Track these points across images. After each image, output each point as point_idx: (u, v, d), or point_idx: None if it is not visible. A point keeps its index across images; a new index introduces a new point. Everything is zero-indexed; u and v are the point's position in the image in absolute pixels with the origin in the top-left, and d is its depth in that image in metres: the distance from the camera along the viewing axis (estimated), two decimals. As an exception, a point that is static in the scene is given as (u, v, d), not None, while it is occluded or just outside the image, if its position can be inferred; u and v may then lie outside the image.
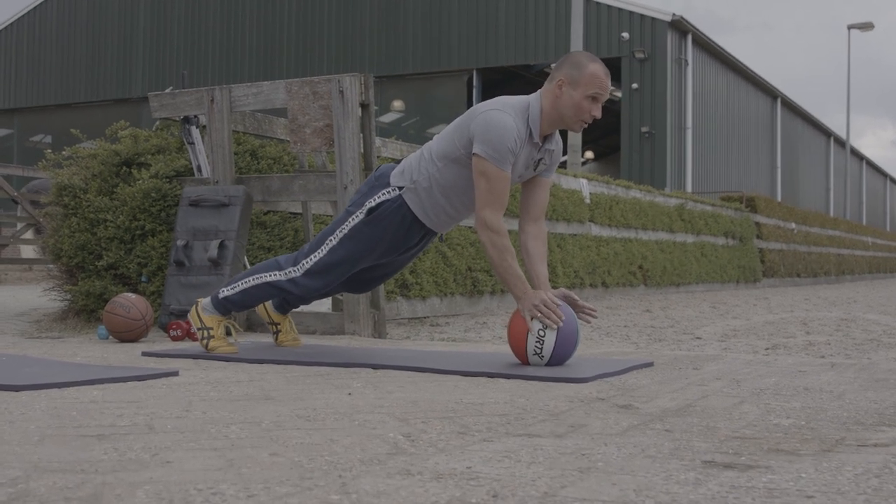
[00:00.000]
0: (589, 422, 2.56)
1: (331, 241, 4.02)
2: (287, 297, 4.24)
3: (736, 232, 17.50)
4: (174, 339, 5.11)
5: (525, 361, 3.78)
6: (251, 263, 5.99)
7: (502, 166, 3.71)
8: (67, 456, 2.03)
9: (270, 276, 4.13)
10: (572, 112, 3.78)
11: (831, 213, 38.68)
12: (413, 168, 3.94)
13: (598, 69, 3.78)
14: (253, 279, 4.17)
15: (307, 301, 4.35)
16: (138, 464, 1.96)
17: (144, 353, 4.30)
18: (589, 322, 3.93)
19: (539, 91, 3.87)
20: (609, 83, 3.83)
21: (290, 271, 4.09)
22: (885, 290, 18.10)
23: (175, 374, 3.52)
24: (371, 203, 3.95)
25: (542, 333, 3.69)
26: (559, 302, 3.74)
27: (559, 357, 3.73)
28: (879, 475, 1.93)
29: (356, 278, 4.29)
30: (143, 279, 5.94)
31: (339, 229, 4.01)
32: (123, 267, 6.02)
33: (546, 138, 3.90)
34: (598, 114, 3.84)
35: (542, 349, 3.71)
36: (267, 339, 5.02)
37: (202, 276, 5.48)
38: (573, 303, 3.85)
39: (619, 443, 2.26)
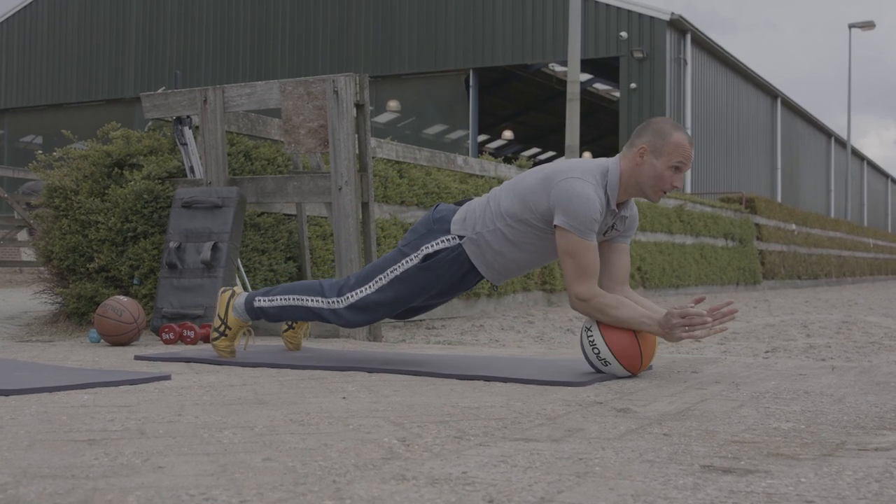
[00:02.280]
0: (586, 426, 2.56)
1: (380, 279, 3.92)
2: (323, 322, 4.17)
3: (735, 233, 17.52)
4: (167, 342, 5.11)
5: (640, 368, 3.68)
6: (244, 266, 5.99)
7: (588, 238, 3.59)
8: (58, 461, 2.03)
9: (312, 301, 4.03)
10: (653, 182, 3.69)
11: (832, 215, 38.72)
12: (477, 218, 3.81)
13: (684, 139, 3.68)
14: (293, 299, 4.07)
15: (344, 326, 4.20)
16: (129, 469, 1.96)
17: (137, 357, 4.29)
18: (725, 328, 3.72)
19: (617, 156, 3.77)
20: (693, 153, 3.74)
21: (333, 301, 3.99)
22: (886, 292, 18.12)
23: (167, 378, 3.51)
24: (428, 249, 3.84)
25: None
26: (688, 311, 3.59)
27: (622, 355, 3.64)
28: (880, 480, 1.94)
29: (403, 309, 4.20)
30: (135, 282, 5.94)
31: (392, 269, 3.91)
32: (115, 269, 6.02)
33: (621, 204, 3.79)
34: (679, 184, 3.77)
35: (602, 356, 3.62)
36: (264, 343, 5.01)
37: (195, 278, 5.47)
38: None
39: (617, 447, 2.26)
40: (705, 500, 1.76)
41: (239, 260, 5.81)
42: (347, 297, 3.97)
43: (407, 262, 3.88)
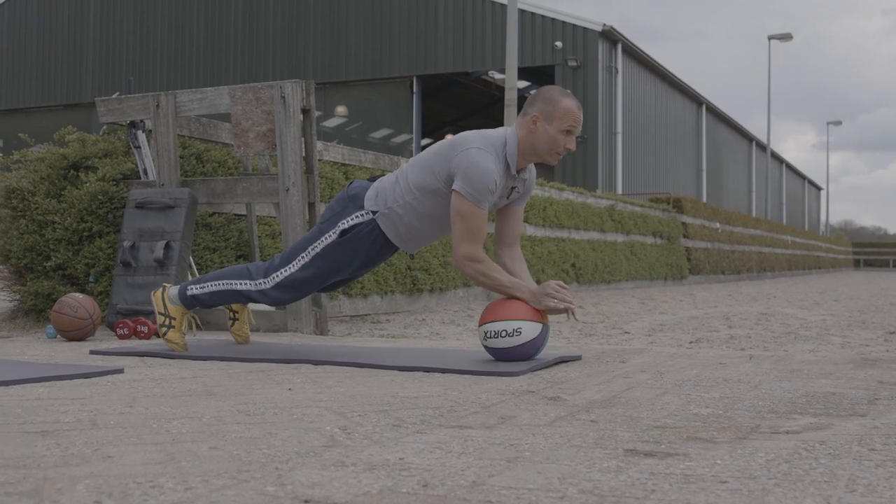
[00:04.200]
0: (518, 413, 2.57)
1: (303, 257, 3.98)
2: (253, 302, 4.19)
3: (664, 231, 17.67)
4: (121, 337, 5.05)
5: (479, 324, 3.72)
6: (196, 264, 5.94)
7: (481, 205, 3.69)
8: (10, 452, 2.00)
9: (240, 284, 4.08)
10: (548, 146, 3.78)
11: (753, 214, 39.20)
12: (388, 193, 3.89)
13: (571, 103, 3.79)
14: (223, 283, 4.12)
15: (271, 304, 4.26)
16: (80, 458, 1.94)
17: (92, 352, 4.24)
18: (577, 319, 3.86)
19: (514, 125, 3.86)
20: (581, 116, 3.83)
21: (260, 283, 4.04)
22: (803, 286, 18.38)
23: (120, 371, 3.48)
24: (344, 224, 3.91)
25: (515, 332, 3.64)
26: (563, 286, 3.74)
27: (500, 356, 3.70)
28: (789, 461, 1.96)
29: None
30: (91, 279, 5.86)
31: (312, 247, 3.97)
32: (71, 268, 5.94)
33: (521, 169, 3.89)
34: (572, 146, 3.83)
35: (496, 338, 3.66)
36: (214, 337, 4.98)
37: (148, 276, 5.42)
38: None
39: (547, 433, 2.27)
40: (627, 481, 1.77)
41: (191, 258, 5.76)
42: (273, 278, 4.03)
43: (326, 238, 3.95)
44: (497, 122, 23.39)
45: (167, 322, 4.17)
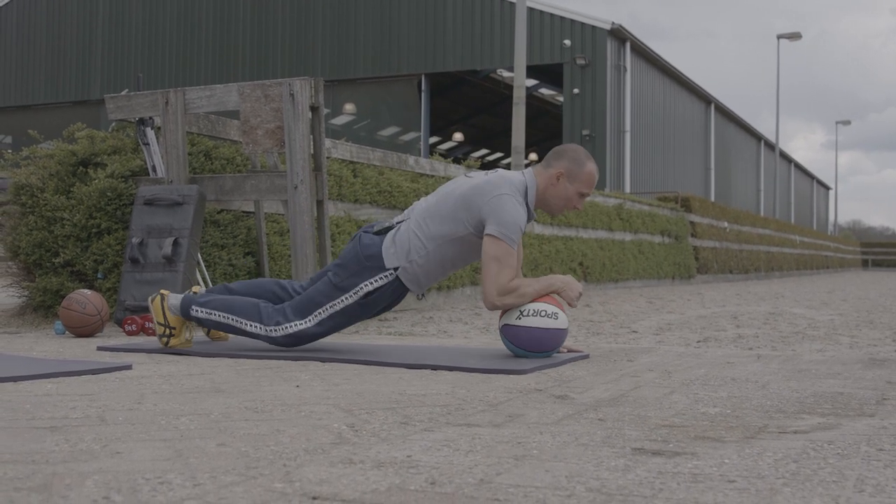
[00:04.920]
0: (526, 412, 2.57)
1: (319, 314, 3.96)
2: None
3: (671, 230, 17.65)
4: (129, 333, 5.06)
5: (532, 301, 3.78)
6: (205, 261, 5.95)
7: (514, 246, 3.79)
8: (19, 447, 2.00)
9: (250, 325, 4.02)
10: (562, 202, 3.95)
11: (761, 213, 39.13)
12: (408, 246, 3.90)
13: (594, 169, 3.97)
14: (232, 319, 4.06)
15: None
16: (89, 454, 1.94)
17: (100, 348, 4.25)
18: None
19: (531, 170, 3.97)
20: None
21: (270, 330, 4.00)
22: (811, 286, 18.35)
23: (129, 367, 3.48)
24: (368, 287, 3.90)
25: (546, 314, 3.73)
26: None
27: (526, 338, 3.75)
28: (798, 460, 1.96)
29: None
30: (99, 276, 5.87)
31: (330, 304, 3.94)
32: (80, 264, 5.95)
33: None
34: (580, 207, 4.02)
35: (529, 317, 3.74)
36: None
37: (157, 272, 5.43)
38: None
39: (554, 431, 2.27)
40: (634, 480, 1.77)
41: (199, 255, 5.76)
42: (285, 328, 4.00)
43: (346, 298, 3.94)
44: (506, 119, 23.33)
45: (167, 332, 4.14)
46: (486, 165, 27.04)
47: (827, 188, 63.34)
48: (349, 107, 28.35)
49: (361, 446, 2.06)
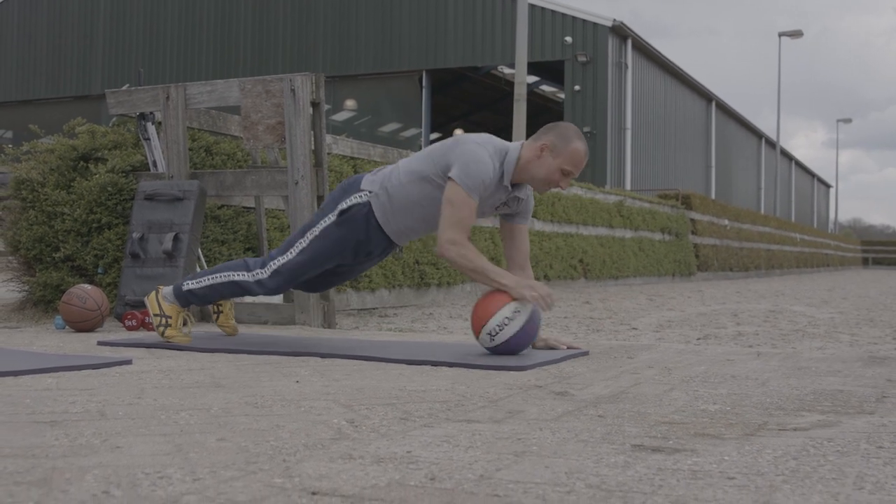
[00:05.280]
0: (526, 408, 2.57)
1: (300, 243, 4.01)
2: (250, 294, 4.19)
3: (672, 228, 17.65)
4: (129, 328, 5.06)
5: (476, 328, 3.76)
6: (205, 256, 5.95)
7: (472, 195, 3.74)
8: (19, 441, 2.01)
9: (238, 275, 4.11)
10: (544, 176, 3.85)
11: (762, 211, 39.13)
12: (385, 177, 3.96)
13: (581, 148, 3.86)
14: (220, 276, 4.14)
15: (267, 295, 4.27)
16: (88, 449, 1.94)
17: (100, 343, 4.25)
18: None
19: (520, 142, 3.92)
20: (584, 164, 3.93)
21: (257, 272, 4.07)
22: (811, 284, 18.35)
23: (129, 362, 3.48)
24: (343, 206, 3.95)
25: (507, 321, 3.69)
26: (547, 290, 3.79)
27: (511, 347, 3.73)
28: (797, 457, 1.96)
29: (314, 280, 4.28)
30: (100, 271, 5.87)
31: (311, 231, 4.01)
32: (80, 259, 5.95)
33: (516, 186, 3.93)
34: (564, 186, 3.93)
35: (498, 334, 3.70)
36: (219, 330, 4.98)
37: (157, 267, 5.43)
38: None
39: (554, 428, 2.27)
40: (634, 476, 1.77)
41: (199, 250, 5.76)
42: (270, 266, 4.07)
43: (325, 221, 4.00)
44: (507, 116, 23.27)
45: (163, 321, 4.19)
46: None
47: (828, 186, 63.34)
48: (350, 103, 28.36)
49: (361, 442, 2.06)
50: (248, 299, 5.78)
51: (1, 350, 3.87)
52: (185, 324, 4.34)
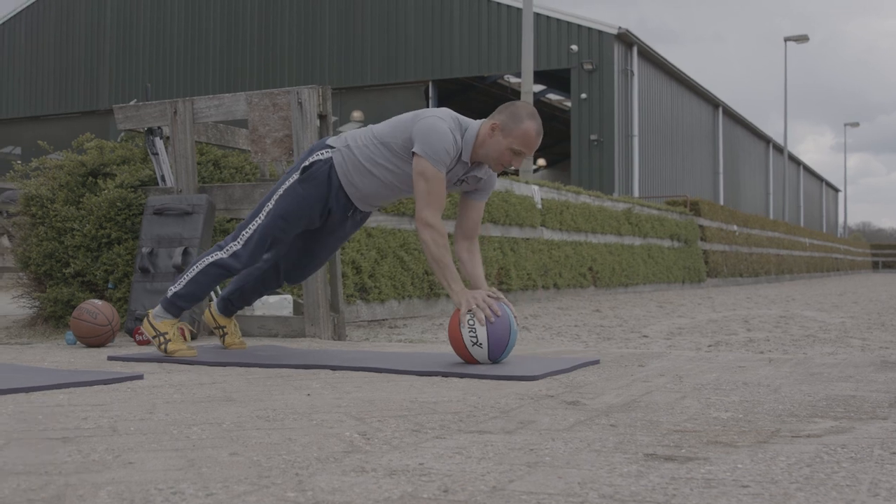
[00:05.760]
0: (538, 418, 2.56)
1: (267, 206, 4.09)
2: (230, 272, 4.18)
3: (681, 234, 17.63)
4: (140, 343, 5.07)
5: (469, 358, 3.78)
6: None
7: (439, 167, 3.80)
8: (32, 458, 2.01)
9: (212, 256, 4.15)
10: (495, 156, 3.90)
11: (771, 216, 39.07)
12: (352, 136, 4.05)
13: (532, 129, 3.86)
14: (197, 266, 4.18)
15: (246, 267, 4.22)
16: (101, 465, 1.95)
17: (111, 358, 4.25)
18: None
19: (481, 121, 3.97)
20: (538, 143, 3.94)
21: (230, 247, 4.12)
22: (821, 289, 18.30)
23: (140, 377, 3.49)
24: (306, 163, 4.04)
25: (472, 323, 3.72)
26: (496, 296, 3.81)
27: (496, 344, 3.74)
28: (811, 464, 1.96)
29: (291, 264, 4.34)
30: (110, 286, 5.89)
31: (276, 192, 4.09)
32: (90, 274, 5.96)
33: (475, 165, 3.98)
34: (517, 166, 3.99)
35: (476, 337, 3.73)
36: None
37: (167, 282, 5.43)
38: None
39: (566, 438, 2.27)
40: (647, 486, 1.77)
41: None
42: (242, 236, 4.12)
43: (289, 181, 4.06)
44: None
45: (161, 339, 4.20)
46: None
47: (836, 190, 63.22)
48: (357, 114, 28.38)
49: (373, 454, 2.06)
50: (258, 311, 5.78)
51: (13, 366, 3.88)
52: (185, 337, 4.31)
